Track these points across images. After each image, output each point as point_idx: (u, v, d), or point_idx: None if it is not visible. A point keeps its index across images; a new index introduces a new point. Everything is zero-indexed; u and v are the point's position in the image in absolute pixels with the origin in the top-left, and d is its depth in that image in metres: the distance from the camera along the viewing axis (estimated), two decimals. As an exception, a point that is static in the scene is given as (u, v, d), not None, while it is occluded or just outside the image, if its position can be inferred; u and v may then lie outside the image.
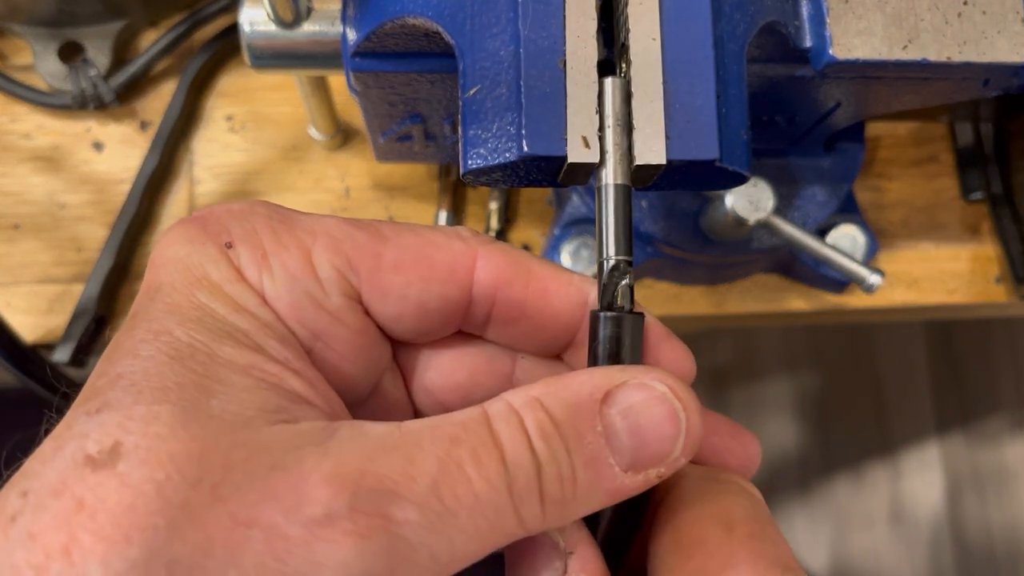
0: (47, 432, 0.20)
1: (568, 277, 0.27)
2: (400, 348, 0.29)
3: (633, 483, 0.22)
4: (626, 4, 0.27)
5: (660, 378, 0.23)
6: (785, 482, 1.31)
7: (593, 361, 0.25)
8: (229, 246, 0.24)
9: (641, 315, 0.26)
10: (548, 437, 0.22)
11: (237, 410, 0.21)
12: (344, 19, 0.36)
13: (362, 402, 0.28)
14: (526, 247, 0.54)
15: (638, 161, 0.26)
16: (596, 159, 0.26)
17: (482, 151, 0.27)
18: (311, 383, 0.24)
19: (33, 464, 0.19)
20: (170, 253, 0.24)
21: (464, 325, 0.28)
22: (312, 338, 0.25)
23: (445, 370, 0.28)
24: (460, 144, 0.28)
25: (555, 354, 0.28)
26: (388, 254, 0.25)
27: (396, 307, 0.26)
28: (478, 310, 0.27)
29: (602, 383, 0.23)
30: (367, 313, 0.26)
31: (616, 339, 0.25)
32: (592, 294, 0.27)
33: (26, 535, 0.18)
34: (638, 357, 0.26)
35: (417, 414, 0.29)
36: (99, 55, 0.53)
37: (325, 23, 0.39)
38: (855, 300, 0.54)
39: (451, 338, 0.28)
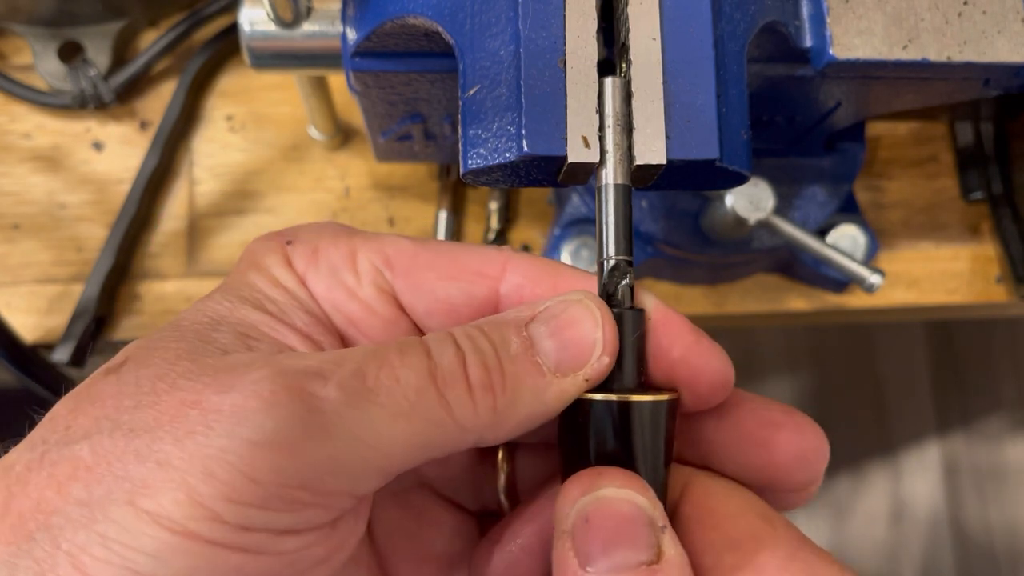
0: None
1: (595, 280, 0.27)
2: None
3: (562, 385, 0.24)
4: (626, 4, 0.27)
5: (576, 291, 0.25)
6: (785, 482, 1.30)
7: None
8: (289, 243, 0.27)
9: (642, 311, 0.26)
10: (474, 337, 0.24)
11: (226, 342, 0.24)
12: (344, 19, 0.36)
13: None
14: (526, 247, 0.54)
15: (638, 161, 0.26)
16: (596, 159, 0.26)
17: (482, 151, 0.27)
18: (317, 345, 0.26)
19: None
20: (249, 248, 0.28)
21: None
22: (346, 323, 0.27)
23: None
24: (460, 144, 0.28)
25: None
26: (423, 255, 0.27)
27: (426, 301, 0.27)
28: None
29: (527, 309, 0.25)
30: (402, 309, 0.28)
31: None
32: None
33: (48, 418, 0.23)
34: (642, 354, 0.26)
35: None
36: (99, 55, 0.53)
37: (325, 23, 0.39)
38: (855, 300, 0.54)
39: None
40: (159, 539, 0.20)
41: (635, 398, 0.25)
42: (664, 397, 0.25)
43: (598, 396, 0.25)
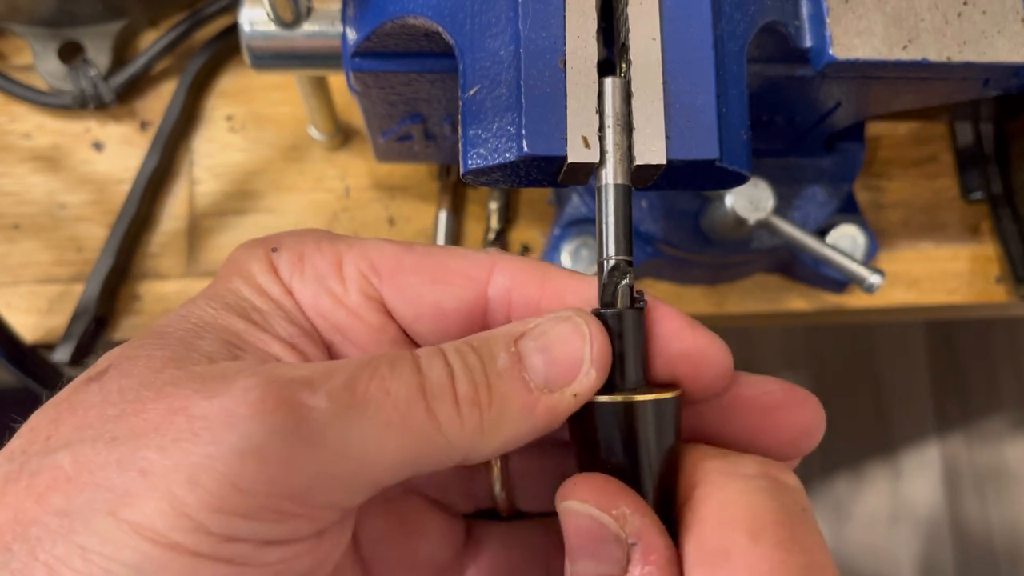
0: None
1: (585, 279, 0.27)
2: None
3: (550, 401, 0.24)
4: (626, 4, 0.27)
5: (565, 309, 0.25)
6: (785, 482, 1.30)
7: None
8: (275, 250, 0.27)
9: (641, 310, 0.26)
10: (463, 352, 0.24)
11: (211, 351, 0.24)
12: (344, 19, 0.36)
13: None
14: (526, 247, 0.54)
15: (638, 161, 0.26)
16: (596, 159, 0.26)
17: (482, 151, 0.27)
18: (303, 356, 0.26)
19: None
20: (232, 256, 0.28)
21: None
22: (332, 330, 0.27)
23: None
24: (460, 144, 0.28)
25: None
26: (410, 260, 0.27)
27: (414, 307, 0.27)
28: (496, 315, 0.27)
29: (518, 326, 0.25)
30: (389, 315, 0.27)
31: (619, 336, 0.25)
32: None
33: (27, 428, 0.23)
34: (641, 352, 0.26)
35: None
36: (99, 55, 0.53)
37: (325, 23, 0.39)
38: (855, 300, 0.54)
39: None
40: (141, 550, 0.20)
41: (638, 398, 0.25)
42: (667, 395, 0.25)
43: (602, 398, 0.25)
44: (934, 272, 0.54)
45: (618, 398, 0.25)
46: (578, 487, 0.24)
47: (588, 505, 0.23)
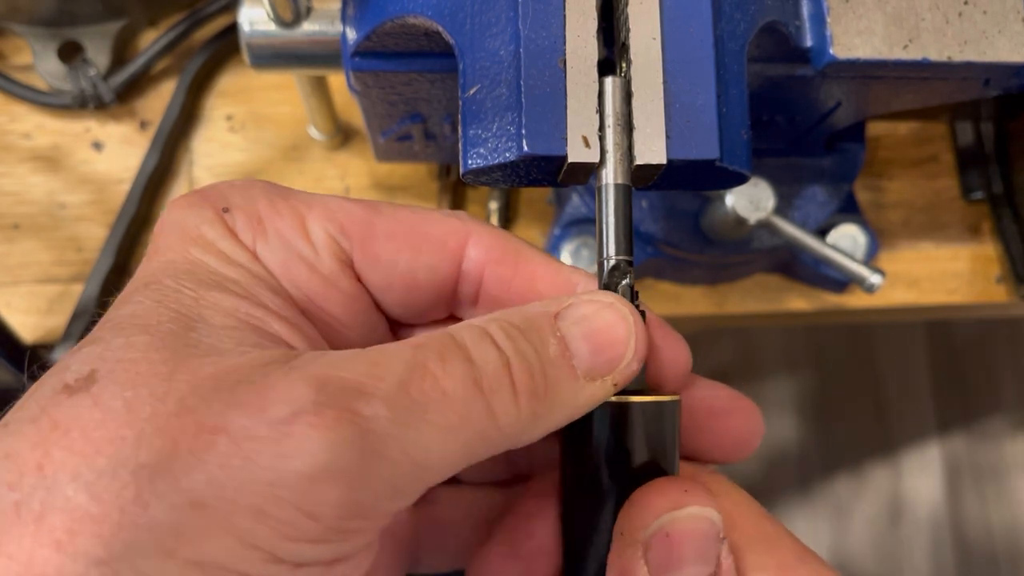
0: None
1: (558, 266, 0.27)
2: (403, 331, 0.29)
3: (592, 391, 0.23)
4: (626, 3, 0.27)
5: (605, 292, 0.25)
6: (785, 481, 1.30)
7: None
8: (226, 210, 0.24)
9: (644, 311, 0.26)
10: (514, 337, 0.23)
11: (213, 342, 0.21)
12: (344, 18, 0.36)
13: None
14: (526, 247, 0.54)
15: (638, 161, 0.26)
16: (596, 159, 0.26)
17: (482, 151, 0.27)
18: (300, 330, 0.24)
19: (19, 401, 0.20)
20: (170, 218, 0.25)
21: (456, 308, 0.28)
22: (306, 299, 0.25)
23: None
24: (460, 144, 0.28)
25: None
26: (381, 224, 0.26)
27: (386, 275, 0.26)
28: (467, 287, 0.27)
29: (553, 304, 0.24)
30: (360, 281, 0.26)
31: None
32: (580, 286, 0.27)
33: (3, 456, 0.19)
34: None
35: None
36: (99, 55, 0.53)
37: (325, 22, 0.39)
38: (855, 300, 0.54)
39: (447, 323, 0.29)
40: None
41: (659, 398, 0.25)
42: (674, 397, 0.25)
43: (634, 399, 0.25)
44: (934, 272, 0.54)
45: (651, 399, 0.25)
46: (694, 494, 0.23)
47: (710, 509, 0.23)
